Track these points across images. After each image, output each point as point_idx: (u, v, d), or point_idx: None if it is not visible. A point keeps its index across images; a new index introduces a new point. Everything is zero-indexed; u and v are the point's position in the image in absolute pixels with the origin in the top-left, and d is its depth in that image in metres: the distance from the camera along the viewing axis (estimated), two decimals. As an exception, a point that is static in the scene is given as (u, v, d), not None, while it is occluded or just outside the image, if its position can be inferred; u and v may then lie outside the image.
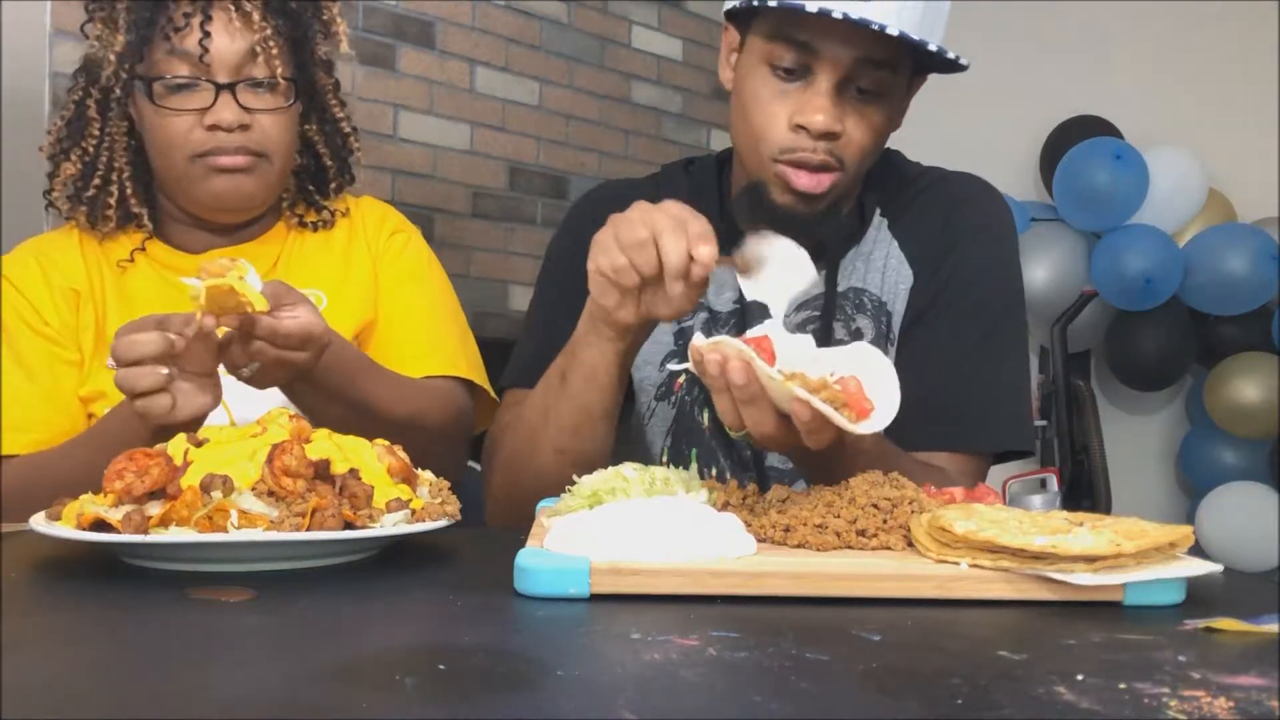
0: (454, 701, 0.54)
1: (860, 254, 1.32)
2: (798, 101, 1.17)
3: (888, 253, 1.32)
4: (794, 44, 1.16)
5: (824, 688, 0.57)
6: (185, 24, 1.30)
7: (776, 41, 1.17)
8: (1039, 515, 0.86)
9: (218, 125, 1.30)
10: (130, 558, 0.88)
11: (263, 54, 1.32)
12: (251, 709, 0.53)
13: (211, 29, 1.30)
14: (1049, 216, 3.62)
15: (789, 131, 1.18)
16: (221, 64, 1.31)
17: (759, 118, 1.20)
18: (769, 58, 1.18)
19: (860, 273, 1.32)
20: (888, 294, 1.31)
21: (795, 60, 1.17)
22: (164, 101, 1.31)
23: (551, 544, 0.82)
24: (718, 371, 0.93)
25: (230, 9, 1.31)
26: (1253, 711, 0.54)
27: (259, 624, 0.73)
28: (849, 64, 1.15)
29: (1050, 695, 0.56)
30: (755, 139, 1.21)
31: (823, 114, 1.16)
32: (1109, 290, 3.41)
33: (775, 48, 1.17)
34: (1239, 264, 3.34)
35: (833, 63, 1.15)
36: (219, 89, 1.30)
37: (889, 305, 1.30)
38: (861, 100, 1.18)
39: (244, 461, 0.88)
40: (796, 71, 1.17)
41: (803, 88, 1.17)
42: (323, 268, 1.46)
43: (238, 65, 1.31)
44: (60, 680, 0.58)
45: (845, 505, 0.90)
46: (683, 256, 1.03)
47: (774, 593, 0.78)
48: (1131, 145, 3.44)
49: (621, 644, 0.66)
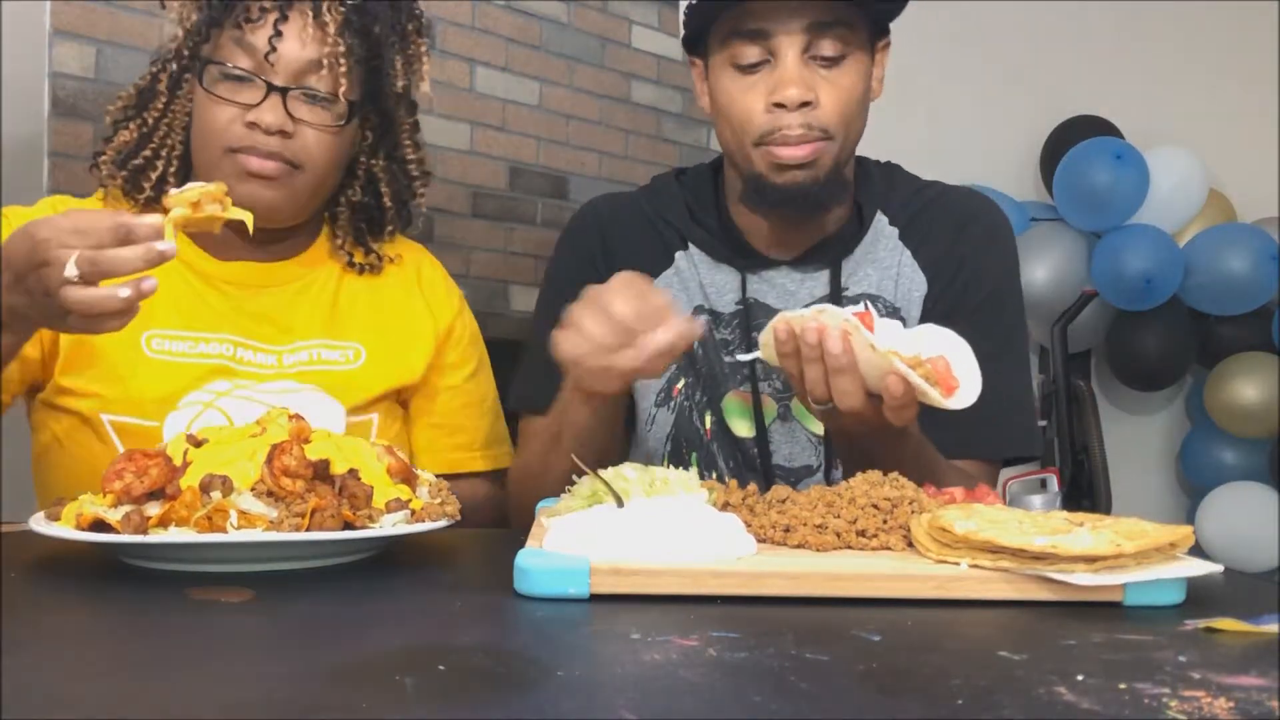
0: (454, 701, 0.54)
1: (869, 260, 1.34)
2: (767, 85, 1.22)
3: (900, 260, 1.34)
4: (747, 36, 1.21)
5: (824, 688, 0.57)
6: (260, 18, 1.26)
7: (732, 43, 1.22)
8: (1039, 515, 0.86)
9: (256, 124, 1.25)
10: (130, 558, 0.88)
11: (328, 67, 1.27)
12: (251, 709, 0.53)
13: (285, 29, 1.26)
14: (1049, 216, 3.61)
15: (766, 114, 1.22)
16: (284, 66, 1.26)
17: (736, 112, 1.24)
18: (731, 60, 1.23)
19: (873, 279, 1.34)
20: (901, 300, 1.33)
21: (755, 52, 1.22)
22: (214, 88, 1.27)
23: (551, 544, 0.82)
24: (816, 340, 0.99)
25: (309, 15, 1.27)
26: (1253, 711, 0.54)
27: (259, 624, 0.73)
28: (803, 34, 1.20)
29: (1050, 695, 0.56)
30: (737, 133, 1.24)
31: (793, 86, 1.20)
32: (1109, 290, 3.41)
33: (733, 49, 1.23)
34: (1239, 264, 3.34)
35: (788, 37, 1.20)
36: (270, 89, 1.26)
37: (903, 311, 1.33)
38: (827, 66, 1.22)
39: (243, 462, 0.88)
40: (760, 63, 1.22)
41: (768, 72, 1.22)
42: (366, 316, 1.41)
43: (299, 72, 1.27)
44: (60, 680, 0.58)
45: (845, 505, 0.90)
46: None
47: (774, 593, 0.78)
48: (1131, 145, 3.44)
49: (621, 644, 0.66)
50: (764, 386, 1.32)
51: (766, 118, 1.21)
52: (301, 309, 1.38)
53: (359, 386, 1.36)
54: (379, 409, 1.38)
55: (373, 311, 1.41)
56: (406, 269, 1.46)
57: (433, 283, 1.48)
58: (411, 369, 1.41)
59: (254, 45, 1.26)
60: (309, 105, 1.28)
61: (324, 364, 1.36)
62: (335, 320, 1.39)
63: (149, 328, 1.29)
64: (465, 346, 1.46)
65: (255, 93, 1.26)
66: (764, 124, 1.22)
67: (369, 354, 1.38)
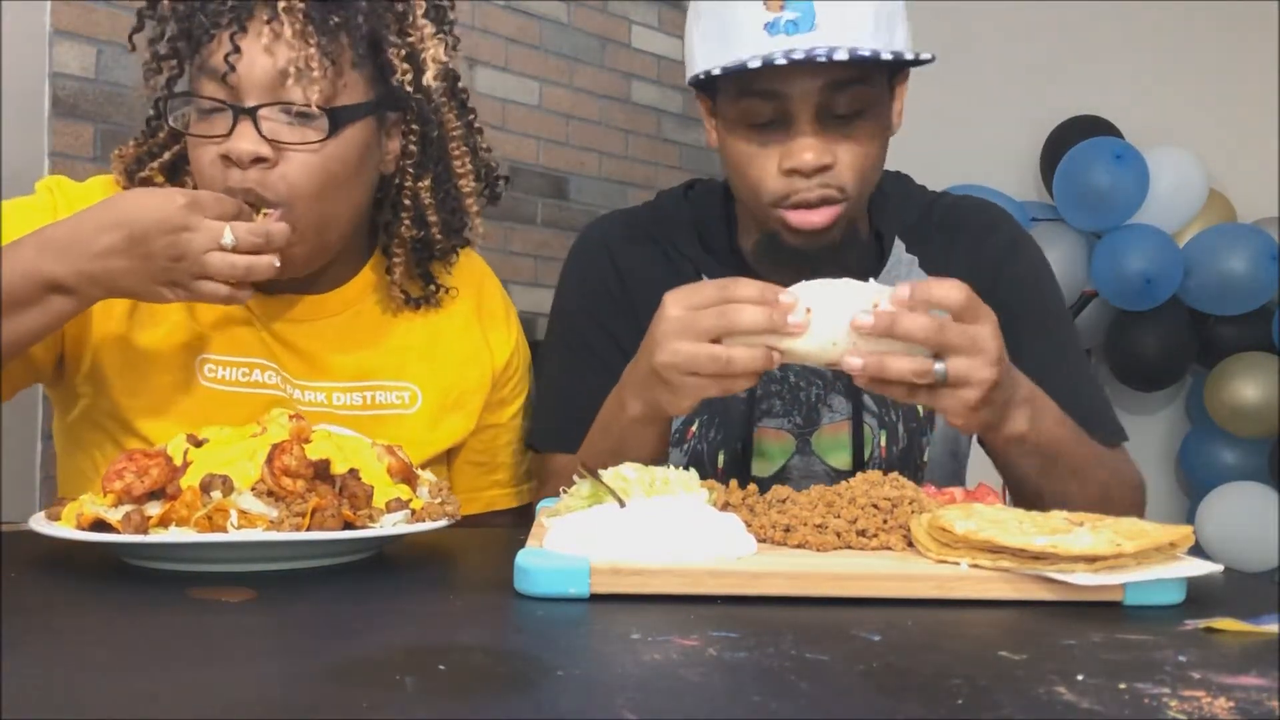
0: (454, 701, 0.54)
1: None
2: (783, 148, 1.15)
3: None
4: (760, 95, 1.14)
5: (824, 688, 0.57)
6: (216, 36, 1.09)
7: (745, 99, 1.15)
8: (1039, 515, 0.86)
9: (228, 157, 1.08)
10: (130, 558, 0.88)
11: (295, 76, 1.08)
12: (251, 709, 0.53)
13: (243, 43, 1.08)
14: (1049, 216, 3.61)
15: (781, 178, 1.16)
16: (251, 84, 1.08)
17: (751, 173, 1.18)
18: (744, 117, 1.16)
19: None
20: None
21: (768, 111, 1.15)
22: (193, 128, 1.12)
23: (551, 544, 0.82)
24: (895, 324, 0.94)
25: (264, 20, 1.09)
26: (1253, 711, 0.54)
27: (259, 624, 0.73)
28: (818, 95, 1.13)
29: (1050, 695, 0.56)
30: (752, 194, 1.19)
31: (810, 152, 1.13)
32: (1109, 290, 3.41)
33: (745, 105, 1.15)
34: (1239, 264, 3.34)
35: (803, 99, 1.13)
36: (237, 114, 1.08)
37: None
38: (845, 124, 1.15)
39: (244, 461, 0.88)
40: (774, 121, 1.15)
41: (784, 133, 1.15)
42: (421, 353, 1.27)
43: (267, 86, 1.08)
44: (60, 680, 0.58)
45: (845, 505, 0.90)
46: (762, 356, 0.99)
47: (774, 593, 0.78)
48: (1131, 145, 3.44)
49: (621, 644, 0.66)
50: (783, 423, 1.27)
51: (782, 182, 1.16)
52: (349, 343, 1.24)
53: (417, 437, 1.23)
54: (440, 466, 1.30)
55: (430, 347, 1.27)
56: (465, 296, 1.32)
57: (493, 313, 1.34)
58: (467, 418, 1.29)
59: (216, 68, 1.09)
60: (289, 124, 1.09)
61: (378, 407, 1.23)
62: (389, 359, 1.25)
63: (203, 351, 1.18)
64: (517, 381, 1.35)
65: (225, 121, 1.09)
66: (779, 189, 1.16)
67: (425, 398, 1.25)
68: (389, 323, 1.27)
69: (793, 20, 1.10)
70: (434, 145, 1.21)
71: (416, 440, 1.22)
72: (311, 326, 1.23)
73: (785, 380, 1.27)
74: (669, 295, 1.01)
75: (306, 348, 1.22)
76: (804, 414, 1.27)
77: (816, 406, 1.27)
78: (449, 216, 1.24)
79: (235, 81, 1.08)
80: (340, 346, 1.24)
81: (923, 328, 0.95)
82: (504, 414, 1.34)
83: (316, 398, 1.22)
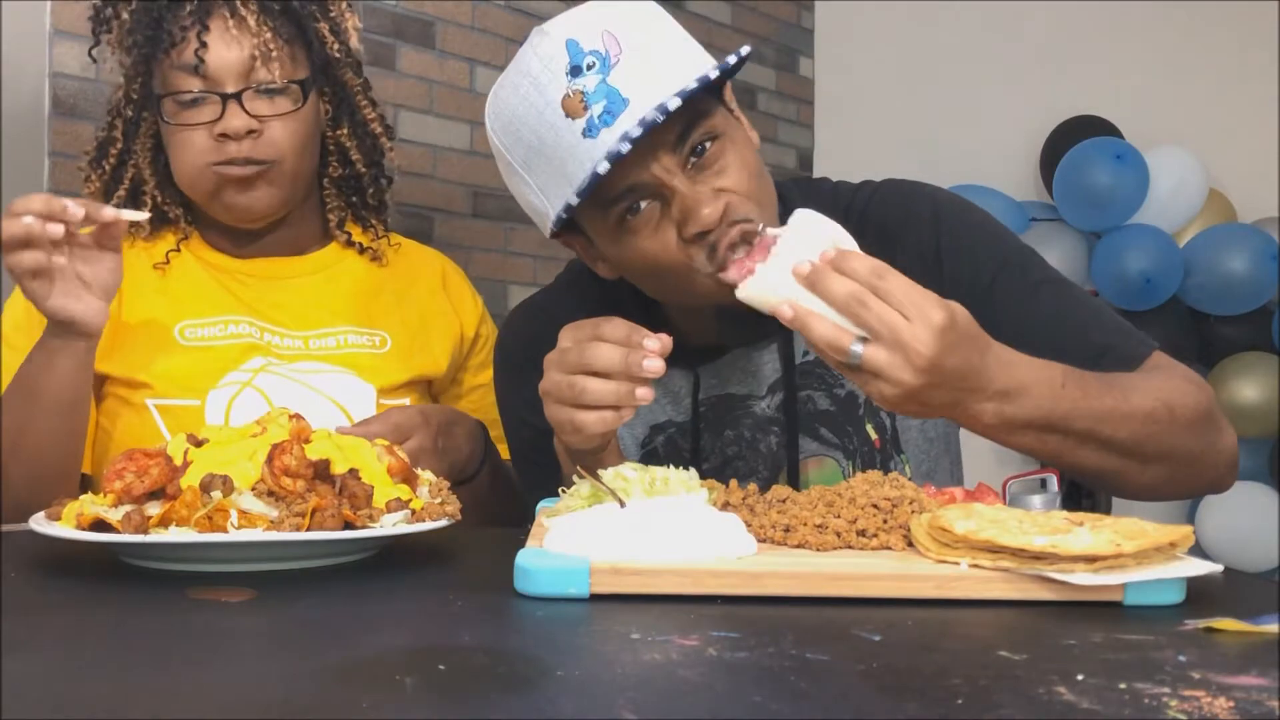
0: (454, 701, 0.54)
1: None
2: (678, 221, 1.06)
3: None
4: (620, 192, 1.06)
5: (824, 688, 0.57)
6: (183, 38, 1.30)
7: (609, 208, 1.08)
8: (1039, 515, 0.86)
9: (226, 134, 1.30)
10: (130, 558, 0.88)
11: (263, 58, 1.31)
12: (251, 709, 0.53)
13: (209, 39, 1.30)
14: (1049, 216, 3.61)
15: (690, 249, 1.07)
16: (226, 73, 1.31)
17: (665, 260, 1.09)
18: (620, 220, 1.08)
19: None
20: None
21: (633, 196, 1.06)
22: (176, 119, 1.32)
23: (551, 544, 0.82)
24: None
25: (226, 16, 1.31)
26: (1253, 711, 0.54)
27: (259, 624, 0.73)
28: (668, 151, 1.05)
29: (1050, 695, 0.56)
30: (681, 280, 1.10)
31: (707, 207, 1.04)
32: (1109, 290, 3.41)
33: (613, 211, 1.08)
34: (1239, 264, 3.34)
35: (657, 164, 1.05)
36: (225, 99, 1.30)
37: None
38: (708, 157, 1.07)
39: (244, 461, 0.88)
40: (651, 198, 1.07)
41: (667, 207, 1.07)
42: (391, 308, 1.46)
43: (241, 73, 1.31)
44: (60, 680, 0.58)
45: (845, 505, 0.90)
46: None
47: (774, 593, 0.78)
48: (1132, 145, 3.44)
49: (621, 644, 0.66)
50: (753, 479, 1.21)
51: (691, 250, 1.06)
52: (324, 299, 1.44)
53: (388, 370, 1.40)
54: (411, 394, 1.42)
55: (398, 304, 1.47)
56: (431, 272, 1.53)
57: (458, 288, 1.55)
58: (436, 361, 1.46)
59: (189, 64, 1.30)
60: (266, 99, 1.33)
61: (351, 348, 1.41)
62: (361, 310, 1.44)
63: (180, 320, 1.37)
64: (490, 351, 1.47)
65: (213, 108, 1.31)
66: (690, 256, 1.07)
67: (395, 342, 1.43)
68: (360, 283, 1.47)
69: (605, 111, 1.02)
70: (345, 100, 1.44)
71: (387, 370, 1.40)
72: (289, 283, 1.44)
73: (740, 438, 1.24)
74: (564, 328, 1.02)
75: (286, 302, 1.42)
76: (769, 465, 1.23)
77: (779, 452, 1.23)
78: (368, 151, 1.47)
79: (211, 73, 1.30)
80: (317, 301, 1.43)
81: (841, 292, 0.91)
82: (485, 376, 1.48)
83: (294, 344, 1.39)
